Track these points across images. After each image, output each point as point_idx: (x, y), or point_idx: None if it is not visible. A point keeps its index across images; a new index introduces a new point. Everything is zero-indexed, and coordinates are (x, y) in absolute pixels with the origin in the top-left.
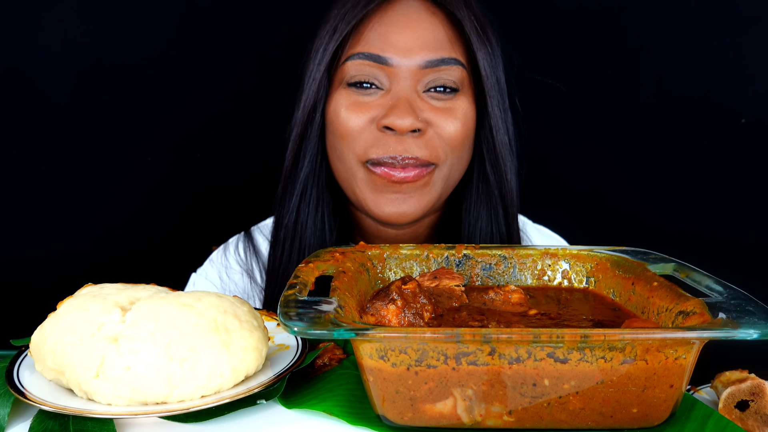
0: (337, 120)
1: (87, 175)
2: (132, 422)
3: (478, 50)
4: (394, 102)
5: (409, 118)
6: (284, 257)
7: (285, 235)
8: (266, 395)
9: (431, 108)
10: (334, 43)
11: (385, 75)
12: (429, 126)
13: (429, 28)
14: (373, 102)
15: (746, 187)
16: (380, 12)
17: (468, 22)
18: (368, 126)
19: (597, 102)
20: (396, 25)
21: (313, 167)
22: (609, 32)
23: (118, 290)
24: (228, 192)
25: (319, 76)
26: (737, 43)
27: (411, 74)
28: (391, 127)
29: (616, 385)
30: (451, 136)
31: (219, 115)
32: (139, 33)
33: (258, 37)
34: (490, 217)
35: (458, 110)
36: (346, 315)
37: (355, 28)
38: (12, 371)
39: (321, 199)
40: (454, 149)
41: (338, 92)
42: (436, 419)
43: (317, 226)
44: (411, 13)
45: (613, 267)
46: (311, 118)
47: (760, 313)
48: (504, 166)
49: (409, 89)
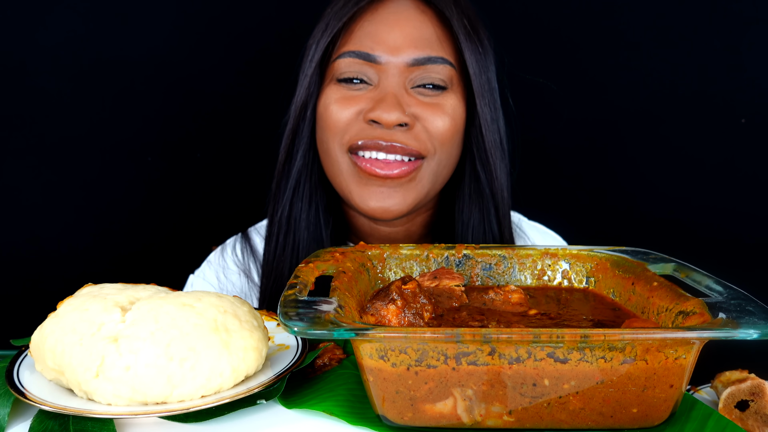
0: (326, 113)
1: (87, 175)
2: (132, 422)
3: (466, 49)
4: (381, 96)
5: (395, 113)
6: (278, 251)
7: (278, 229)
8: (266, 395)
9: (419, 103)
10: (325, 40)
11: (374, 71)
12: (416, 120)
13: (418, 26)
14: (361, 96)
15: (746, 187)
16: (371, 10)
17: (457, 21)
18: (355, 119)
19: (596, 102)
20: (385, 23)
21: (306, 162)
22: (609, 32)
23: (118, 290)
24: (228, 192)
25: (310, 73)
26: (737, 43)
27: (399, 71)
28: (377, 121)
29: (616, 385)
30: (439, 130)
31: (219, 115)
32: (140, 33)
33: (258, 37)
34: (482, 216)
35: (446, 106)
36: (346, 315)
37: (346, 26)
38: (12, 371)
39: (314, 194)
40: (443, 144)
41: (329, 88)
42: (436, 419)
43: (310, 221)
44: (401, 11)
45: (613, 267)
46: (303, 113)
47: (760, 313)
48: (494, 165)
49: (396, 85)
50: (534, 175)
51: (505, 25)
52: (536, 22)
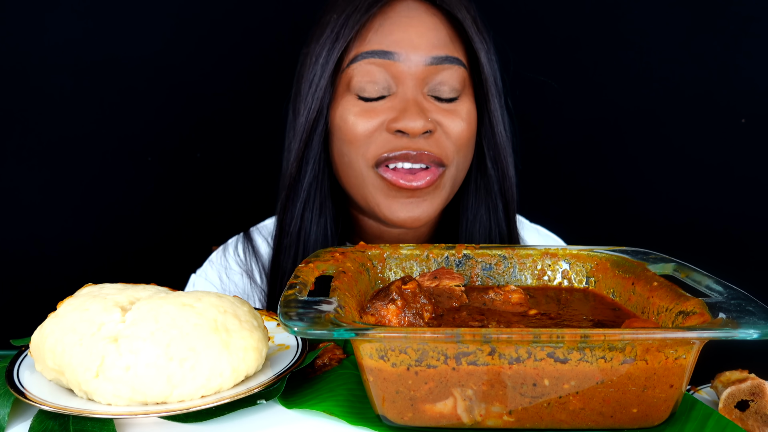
0: (345, 126)
1: (88, 175)
2: (132, 422)
3: (480, 50)
4: (403, 105)
5: (420, 120)
6: (289, 264)
7: (289, 242)
8: (266, 395)
9: (438, 109)
10: (338, 49)
11: (391, 76)
12: (438, 126)
13: (432, 27)
14: (381, 106)
15: (746, 187)
16: (381, 15)
17: (469, 22)
18: (378, 130)
19: (596, 102)
20: (399, 24)
21: (317, 174)
22: (609, 31)
23: (118, 290)
24: (228, 192)
25: (324, 84)
26: (737, 43)
27: (417, 73)
28: (403, 131)
29: (616, 385)
30: (458, 135)
31: (219, 115)
32: (140, 33)
33: (258, 37)
34: (489, 213)
35: (462, 111)
36: (346, 315)
37: (358, 33)
38: (12, 371)
39: (324, 206)
40: (460, 149)
41: (344, 99)
42: (436, 419)
43: (320, 233)
44: (412, 14)
45: (613, 267)
46: (315, 125)
47: (760, 313)
48: (505, 161)
49: (415, 90)
50: (534, 174)
51: (506, 25)
52: (537, 20)
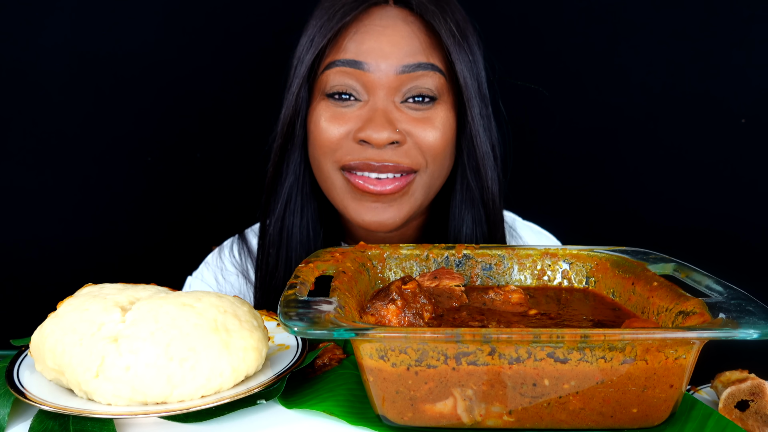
0: (317, 130)
1: (87, 175)
2: (132, 422)
3: (457, 59)
4: (370, 115)
5: (385, 132)
6: (270, 265)
7: (270, 243)
8: (266, 395)
9: (409, 119)
10: (311, 55)
11: (362, 85)
12: (407, 136)
13: (406, 35)
14: (351, 114)
15: (746, 187)
16: (356, 22)
17: (445, 32)
18: (346, 138)
19: (593, 103)
20: (372, 33)
21: (297, 176)
22: (608, 31)
23: (118, 290)
24: (228, 192)
25: (297, 89)
26: (737, 43)
27: (388, 82)
28: (367, 141)
29: (616, 385)
30: (430, 145)
31: (219, 115)
32: (139, 32)
33: (258, 36)
34: (474, 222)
35: (436, 119)
36: (346, 315)
37: (333, 39)
38: (12, 371)
39: (306, 207)
40: (435, 158)
41: (319, 104)
42: (436, 419)
43: (303, 234)
44: (387, 22)
45: (613, 267)
46: (291, 129)
47: (760, 313)
48: (485, 174)
49: (385, 100)
50: (529, 178)
51: (497, 29)
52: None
